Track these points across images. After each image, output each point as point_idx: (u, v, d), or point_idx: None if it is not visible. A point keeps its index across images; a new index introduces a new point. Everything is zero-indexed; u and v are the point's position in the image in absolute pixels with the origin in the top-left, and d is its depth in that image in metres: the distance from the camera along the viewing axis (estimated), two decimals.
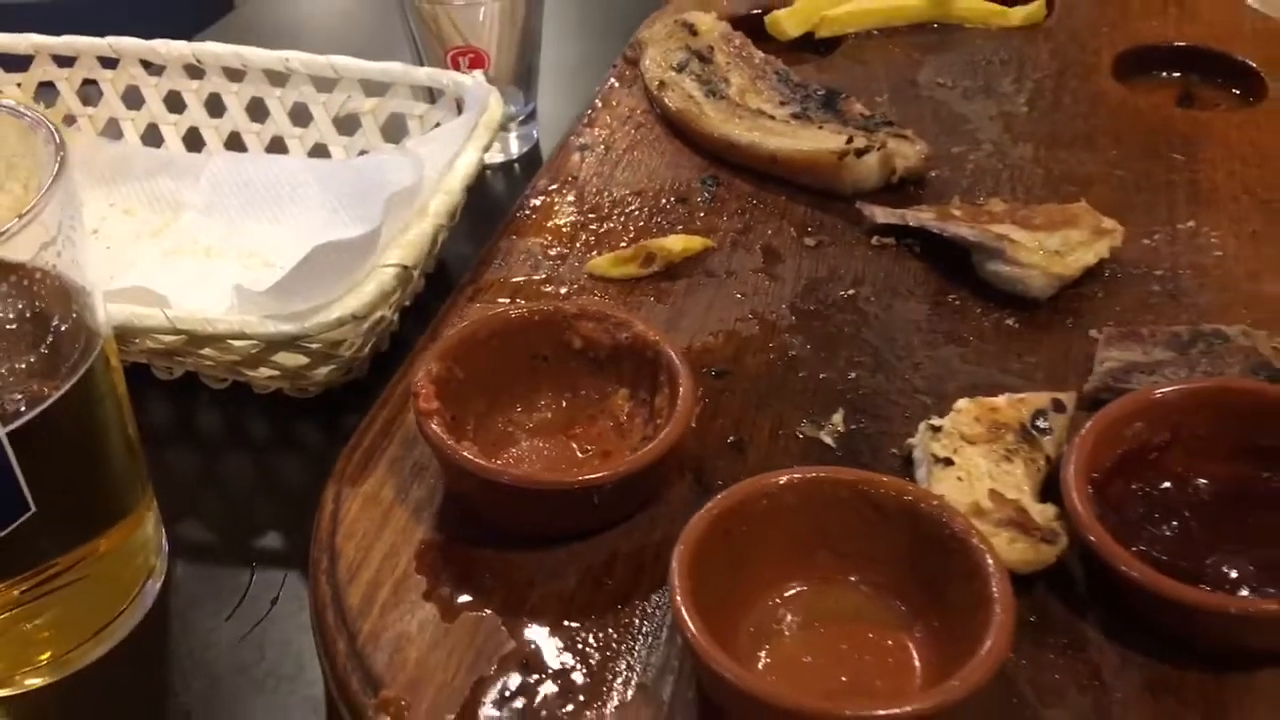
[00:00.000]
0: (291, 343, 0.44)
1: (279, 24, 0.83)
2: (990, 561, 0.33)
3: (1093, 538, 0.34)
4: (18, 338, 0.36)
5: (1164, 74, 0.62)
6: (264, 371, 0.48)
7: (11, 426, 0.34)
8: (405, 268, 0.45)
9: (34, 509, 0.36)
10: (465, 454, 0.37)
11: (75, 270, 0.37)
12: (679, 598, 0.32)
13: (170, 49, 0.59)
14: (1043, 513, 0.36)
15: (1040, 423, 0.39)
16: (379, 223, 0.43)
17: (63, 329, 0.37)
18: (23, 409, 0.35)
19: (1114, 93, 0.59)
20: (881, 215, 0.49)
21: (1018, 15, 0.64)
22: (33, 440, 0.35)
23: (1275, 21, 0.64)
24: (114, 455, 0.40)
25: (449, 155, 0.49)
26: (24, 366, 0.36)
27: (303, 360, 0.46)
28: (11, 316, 0.36)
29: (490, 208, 0.60)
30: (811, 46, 0.64)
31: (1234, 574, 0.35)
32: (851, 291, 0.47)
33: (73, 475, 0.38)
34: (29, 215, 0.35)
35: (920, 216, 0.49)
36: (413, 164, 0.48)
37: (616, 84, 0.61)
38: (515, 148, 0.65)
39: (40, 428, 0.35)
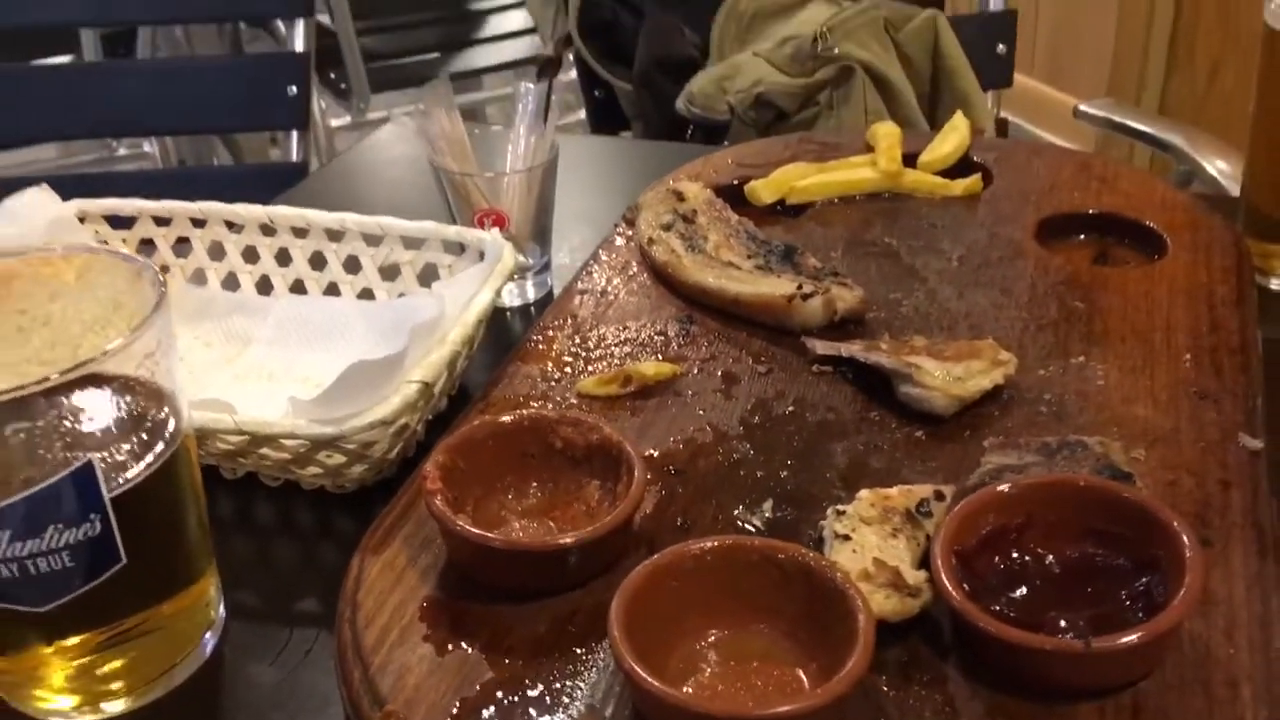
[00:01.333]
0: (332, 443, 0.55)
1: (337, 191, 0.97)
2: (860, 606, 0.42)
3: (948, 592, 0.43)
4: (123, 427, 0.47)
5: (1083, 236, 0.72)
6: (310, 470, 0.58)
7: (114, 493, 0.45)
8: (426, 384, 0.56)
9: (124, 560, 0.46)
10: (461, 523, 0.47)
11: (167, 379, 0.48)
12: (616, 633, 0.41)
13: (249, 211, 0.72)
14: (914, 576, 0.45)
15: (923, 508, 0.48)
16: (404, 346, 0.55)
17: (155, 423, 0.48)
18: (123, 480, 0.46)
19: (1034, 251, 0.69)
20: (821, 348, 0.60)
21: (958, 187, 0.75)
22: (128, 506, 0.46)
23: (1182, 194, 0.75)
24: (188, 527, 0.50)
25: (468, 295, 0.61)
26: (127, 448, 0.47)
27: (341, 459, 0.57)
28: (119, 411, 0.47)
29: (510, 343, 0.70)
30: (783, 211, 0.75)
31: (1068, 629, 0.44)
32: (792, 409, 0.57)
33: (155, 539, 0.48)
34: (135, 335, 0.46)
35: (851, 348, 0.59)
36: (437, 301, 0.59)
37: (617, 240, 0.72)
38: (532, 294, 0.76)
39: (134, 497, 0.46)
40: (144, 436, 0.47)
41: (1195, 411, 0.55)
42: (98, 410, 0.47)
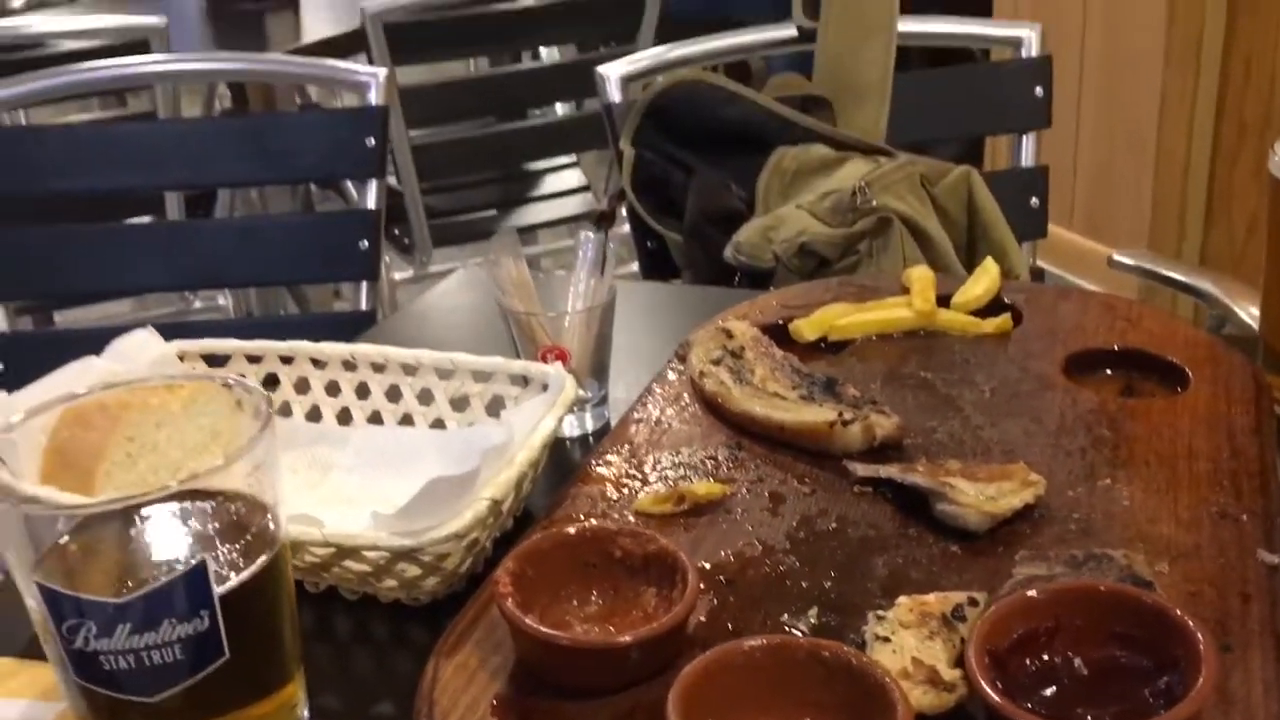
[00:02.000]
0: (410, 555, 0.60)
1: (410, 333, 1.04)
2: (899, 700, 0.45)
3: (984, 689, 0.46)
4: (228, 533, 0.52)
5: (1109, 371, 0.77)
6: (387, 582, 0.63)
7: (220, 590, 0.50)
8: (495, 501, 0.61)
9: (227, 655, 0.51)
10: (530, 622, 0.51)
11: (267, 494, 0.54)
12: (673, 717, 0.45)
13: (333, 349, 0.79)
14: (950, 673, 0.48)
15: (958, 613, 0.52)
16: (477, 465, 0.60)
17: (259, 531, 0.53)
18: (230, 581, 0.51)
19: (1063, 385, 0.74)
20: (862, 470, 0.64)
21: (990, 325, 0.80)
22: (233, 605, 0.51)
23: (1202, 332, 0.80)
24: (283, 629, 0.55)
25: (534, 422, 0.66)
26: (231, 552, 0.52)
27: (417, 572, 0.61)
28: (225, 519, 0.53)
29: (570, 471, 0.75)
30: (825, 348, 0.81)
31: None
32: (835, 525, 0.61)
33: (255, 638, 0.53)
34: (240, 452, 0.52)
35: (889, 470, 0.63)
36: (506, 428, 0.65)
37: (669, 374, 0.78)
38: (590, 425, 0.81)
39: (238, 597, 0.51)
40: (248, 542, 0.52)
41: (1216, 529, 0.59)
42: (209, 518, 0.52)
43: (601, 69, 1.38)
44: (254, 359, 0.80)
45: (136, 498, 0.49)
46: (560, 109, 2.66)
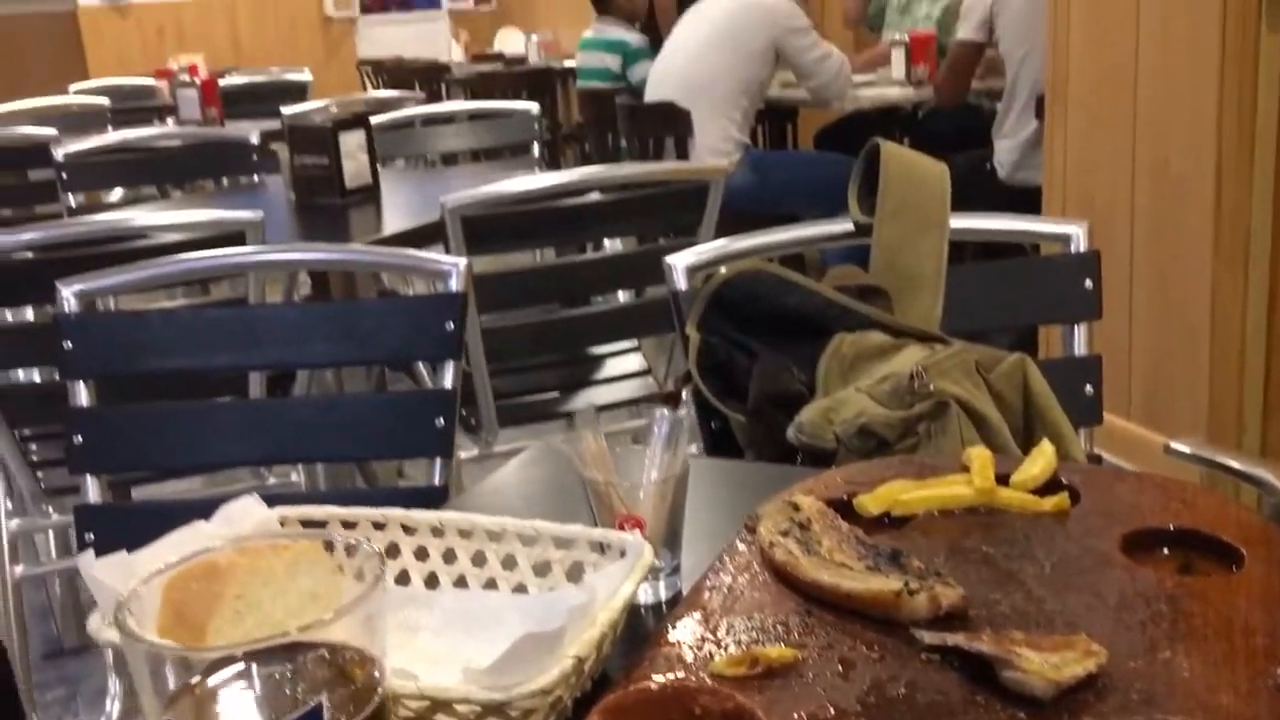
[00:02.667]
0: (499, 709, 0.63)
1: (496, 500, 1.09)
2: None
3: None
4: (338, 682, 0.56)
5: (1166, 551, 0.79)
6: None
7: None
8: (579, 659, 0.65)
9: None
10: None
11: (374, 646, 0.58)
12: None
13: (423, 516, 0.84)
14: None
15: None
16: (564, 624, 0.64)
17: (366, 679, 0.57)
18: None
19: (1122, 562, 0.77)
20: (929, 638, 0.67)
21: (1048, 504, 0.84)
22: None
23: (1255, 514, 0.82)
24: None
25: (614, 586, 0.70)
26: (342, 699, 0.56)
27: None
28: (336, 669, 0.57)
29: (645, 637, 0.79)
30: (889, 523, 0.84)
31: None
32: (904, 691, 0.64)
33: None
34: (354, 604, 0.56)
35: (956, 639, 0.66)
36: (588, 590, 0.69)
37: (739, 545, 0.82)
38: (664, 593, 0.85)
39: None
40: (356, 690, 0.56)
41: (1274, 701, 0.61)
42: (322, 667, 0.56)
43: (669, 259, 1.46)
44: (349, 524, 0.85)
45: (262, 642, 0.54)
46: (622, 296, 2.77)
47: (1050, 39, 3.00)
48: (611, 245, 2.88)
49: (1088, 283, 1.45)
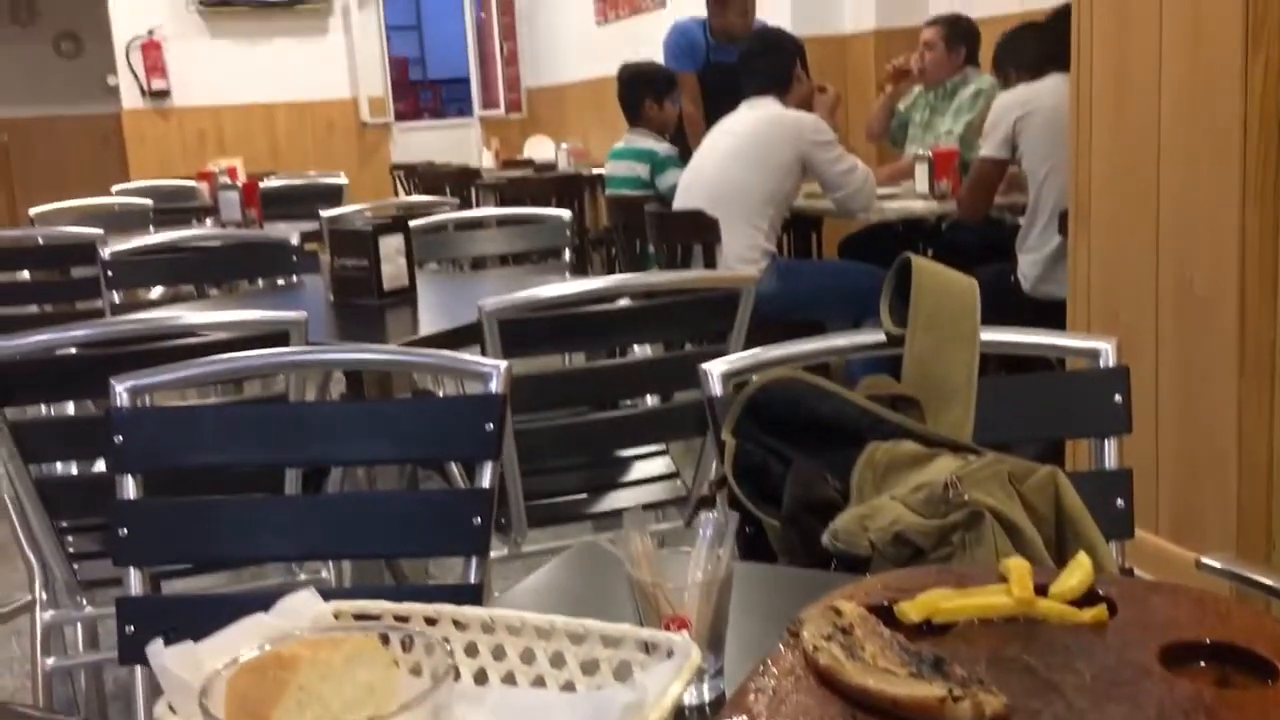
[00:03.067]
0: None
1: (538, 598, 1.11)
2: None
3: None
4: None
5: (1203, 663, 0.81)
6: None
7: None
8: None
9: None
10: None
11: None
12: None
13: (474, 613, 0.86)
14: None
15: None
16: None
17: None
18: None
19: (1160, 674, 0.78)
20: None
21: (1087, 615, 0.85)
22: None
23: None
24: None
25: (663, 685, 0.72)
26: None
27: None
28: None
29: None
30: (929, 631, 0.86)
31: None
32: None
33: None
34: (425, 695, 0.59)
35: None
36: (640, 689, 0.71)
37: (782, 649, 0.83)
38: (707, 695, 0.87)
39: None
40: None
41: None
42: None
43: (704, 366, 1.50)
44: (401, 619, 0.87)
45: None
46: (650, 400, 2.80)
47: (1073, 159, 3.07)
48: (640, 349, 2.93)
49: (1117, 397, 1.47)
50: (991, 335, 1.45)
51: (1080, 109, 3.01)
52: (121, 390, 1.52)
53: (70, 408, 2.68)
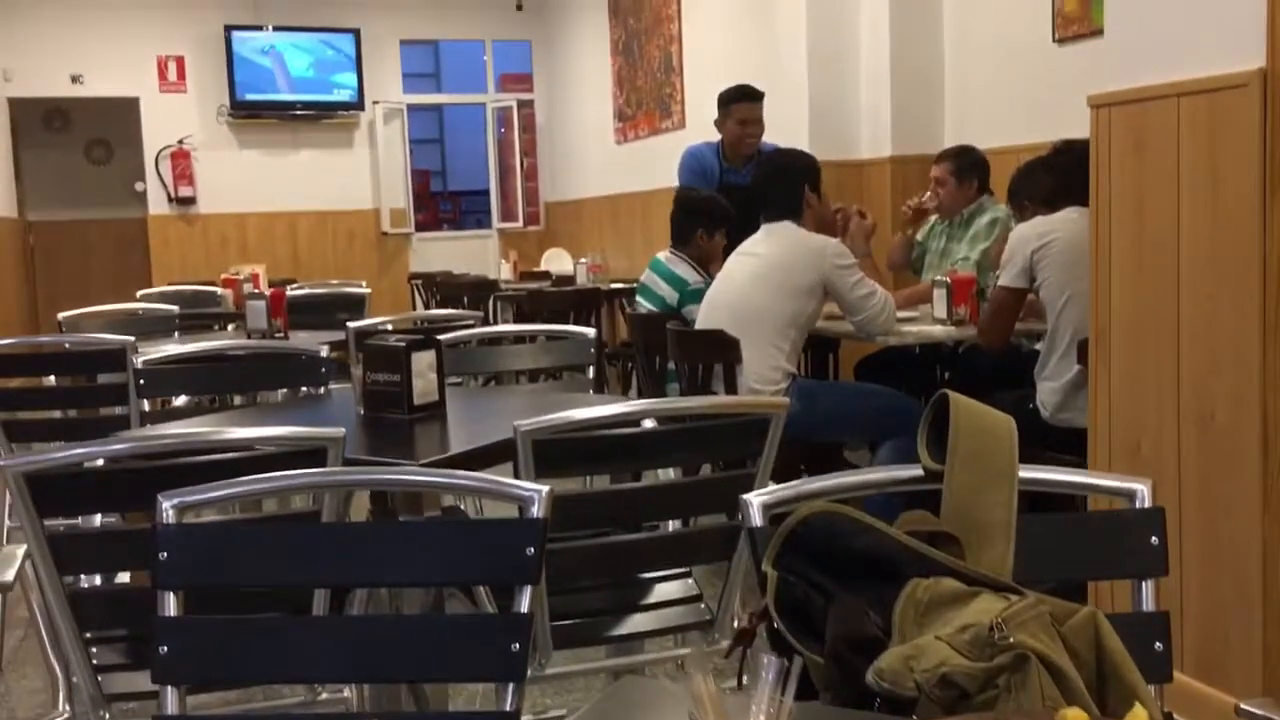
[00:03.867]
0: None
1: None
2: None
3: None
4: None
5: None
6: None
7: None
8: None
9: None
10: None
11: None
12: None
13: None
14: None
15: None
16: None
17: None
18: None
19: None
20: None
21: None
22: None
23: None
24: None
25: None
26: None
27: None
28: None
29: None
30: None
31: None
32: None
33: None
34: None
35: None
36: None
37: None
38: None
39: None
40: None
41: None
42: None
43: (745, 497, 1.52)
44: None
45: None
46: (673, 524, 2.80)
47: (1093, 294, 3.12)
48: (664, 473, 2.94)
49: (1154, 539, 1.49)
50: (1028, 473, 1.47)
51: (1100, 244, 3.08)
52: (168, 507, 1.54)
53: (96, 518, 2.69)
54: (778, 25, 6.20)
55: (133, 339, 3.55)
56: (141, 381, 3.09)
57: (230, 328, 5.82)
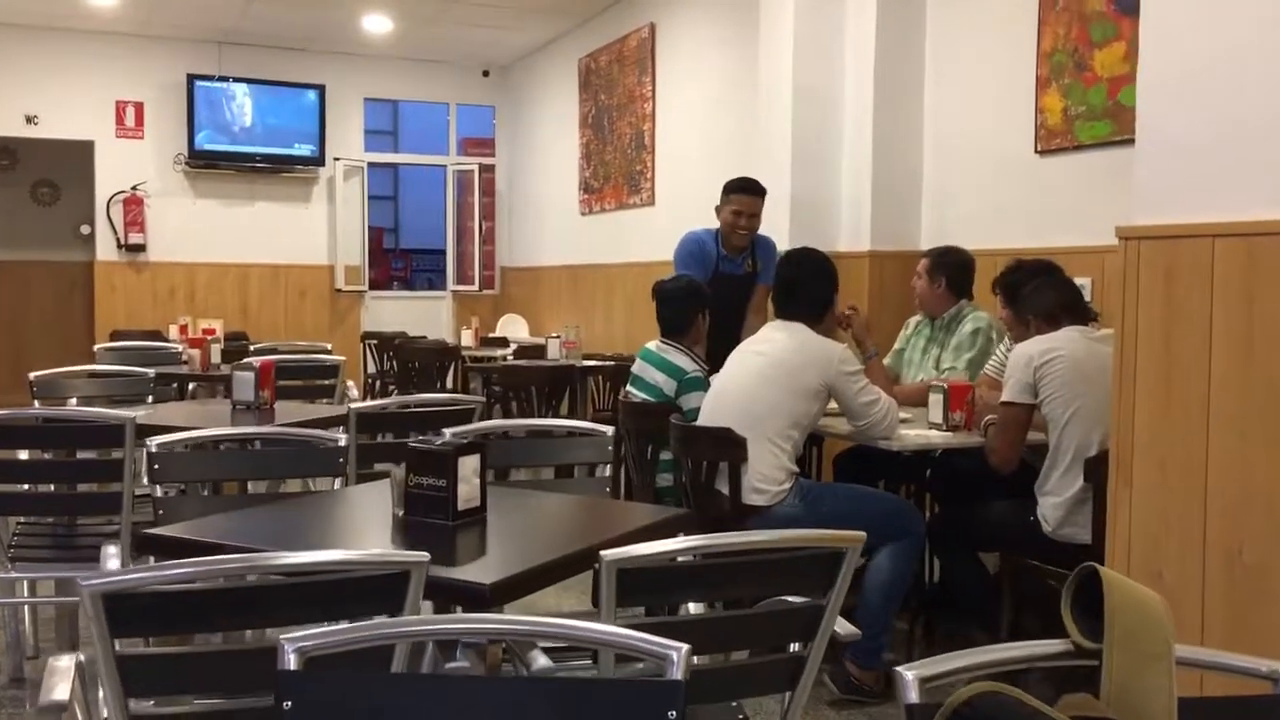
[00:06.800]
0: None
1: None
2: None
3: None
4: None
5: None
6: None
7: None
8: None
9: None
10: None
11: None
12: None
13: None
14: None
15: None
16: None
17: None
18: None
19: None
20: None
21: None
22: None
23: None
24: None
25: None
26: None
27: None
28: None
29: None
30: None
31: None
32: None
33: None
34: None
35: None
36: None
37: None
38: None
39: None
40: None
41: None
42: None
43: (899, 670, 1.50)
44: None
45: None
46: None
47: (1115, 412, 3.15)
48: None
49: None
50: (1184, 653, 1.47)
51: (1124, 366, 3.12)
52: (291, 652, 1.48)
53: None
54: (760, 114, 6.28)
55: (133, 416, 3.44)
56: (156, 467, 2.98)
57: (192, 385, 5.69)
